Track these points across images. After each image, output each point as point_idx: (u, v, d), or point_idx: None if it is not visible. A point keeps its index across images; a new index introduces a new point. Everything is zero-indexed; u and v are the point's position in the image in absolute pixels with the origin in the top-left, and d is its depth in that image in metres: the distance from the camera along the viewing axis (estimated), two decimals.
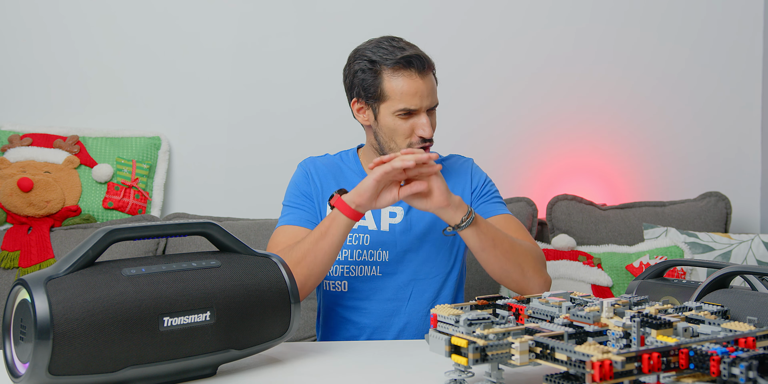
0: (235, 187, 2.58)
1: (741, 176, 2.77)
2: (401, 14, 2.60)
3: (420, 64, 1.54)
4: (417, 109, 1.55)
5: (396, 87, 1.54)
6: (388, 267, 1.62)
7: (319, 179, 1.66)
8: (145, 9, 2.52)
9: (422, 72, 1.55)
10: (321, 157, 1.74)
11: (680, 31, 2.73)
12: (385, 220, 1.64)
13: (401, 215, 1.64)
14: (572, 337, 0.94)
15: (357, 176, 1.68)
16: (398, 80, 1.54)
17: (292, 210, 1.64)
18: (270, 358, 1.24)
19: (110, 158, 2.38)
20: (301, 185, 1.66)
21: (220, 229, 1.17)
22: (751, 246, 2.31)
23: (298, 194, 1.65)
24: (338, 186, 1.65)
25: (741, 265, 1.16)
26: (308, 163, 1.70)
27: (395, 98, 1.55)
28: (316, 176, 1.66)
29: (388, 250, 1.62)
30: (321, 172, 1.67)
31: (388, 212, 1.65)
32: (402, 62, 1.54)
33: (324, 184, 1.66)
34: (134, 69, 2.52)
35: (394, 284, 1.62)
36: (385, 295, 1.62)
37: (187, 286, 1.07)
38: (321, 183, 1.66)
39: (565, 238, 2.34)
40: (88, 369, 0.99)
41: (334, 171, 1.68)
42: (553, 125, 2.69)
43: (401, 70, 1.54)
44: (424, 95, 1.55)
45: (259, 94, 2.58)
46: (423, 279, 1.62)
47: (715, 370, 0.85)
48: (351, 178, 1.67)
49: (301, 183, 1.67)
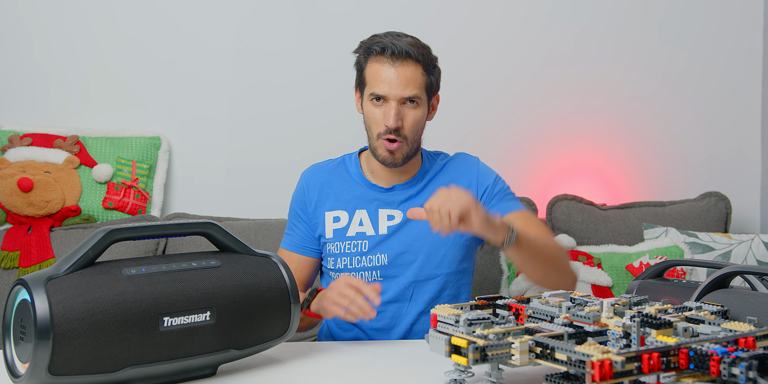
0: (235, 187, 2.58)
1: (741, 176, 2.77)
2: (401, 14, 2.60)
3: (395, 52, 1.53)
4: (384, 95, 1.54)
5: (370, 72, 1.57)
6: (387, 270, 1.61)
7: (315, 191, 1.68)
8: (146, 9, 2.52)
9: (397, 60, 1.54)
10: (322, 164, 1.73)
11: (680, 31, 2.73)
12: (383, 223, 1.63)
13: (399, 217, 1.63)
14: (572, 337, 0.94)
15: (356, 183, 1.66)
16: (373, 65, 1.56)
17: (289, 231, 1.71)
18: (270, 358, 1.24)
19: (110, 158, 2.38)
20: (296, 205, 1.70)
21: (220, 229, 1.17)
22: (751, 246, 2.31)
23: (294, 214, 1.71)
24: (335, 194, 1.65)
25: (741, 265, 1.16)
26: (306, 176, 1.71)
27: (370, 83, 1.57)
28: (311, 189, 1.68)
29: (386, 253, 1.61)
30: (319, 183, 1.68)
31: (386, 215, 1.63)
32: (377, 48, 1.55)
33: (322, 194, 1.67)
34: (134, 69, 2.52)
35: (395, 287, 1.61)
36: (386, 298, 1.61)
37: (187, 286, 1.07)
38: (318, 194, 1.67)
39: (565, 238, 2.34)
40: (88, 369, 0.99)
41: (331, 180, 1.68)
42: (553, 125, 2.69)
43: (377, 55, 1.56)
44: (394, 83, 1.53)
45: (259, 94, 2.58)
46: (424, 280, 1.61)
47: (715, 370, 0.85)
48: (349, 185, 1.66)
49: (295, 202, 1.71)
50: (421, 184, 1.65)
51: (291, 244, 1.69)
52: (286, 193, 2.54)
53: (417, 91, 1.55)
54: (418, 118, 1.57)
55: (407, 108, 1.56)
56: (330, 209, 1.65)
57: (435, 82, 1.61)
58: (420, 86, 1.56)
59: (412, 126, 1.56)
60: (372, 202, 1.64)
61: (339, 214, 1.64)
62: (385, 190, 1.64)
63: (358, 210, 1.63)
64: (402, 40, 1.56)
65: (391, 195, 1.64)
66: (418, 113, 1.57)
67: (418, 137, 1.61)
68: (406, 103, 1.56)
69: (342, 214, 1.64)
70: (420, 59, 1.55)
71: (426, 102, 1.59)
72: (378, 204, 1.64)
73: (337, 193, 1.66)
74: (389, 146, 1.56)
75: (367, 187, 1.65)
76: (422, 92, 1.57)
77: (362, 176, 1.67)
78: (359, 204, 1.64)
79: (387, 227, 1.62)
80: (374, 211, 1.63)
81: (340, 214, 1.64)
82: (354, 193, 1.65)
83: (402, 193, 1.64)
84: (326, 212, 1.65)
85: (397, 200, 1.64)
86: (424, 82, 1.57)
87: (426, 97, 1.59)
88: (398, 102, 1.54)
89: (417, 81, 1.55)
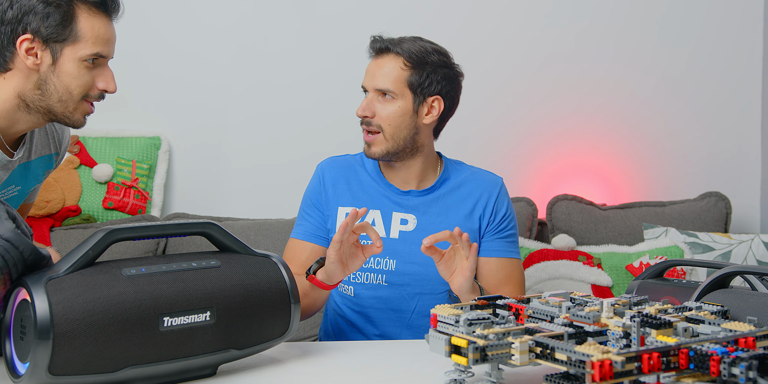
0: (235, 187, 2.58)
1: (741, 176, 2.77)
2: (401, 15, 2.60)
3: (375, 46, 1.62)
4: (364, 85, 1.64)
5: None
6: (393, 277, 1.59)
7: (331, 184, 1.66)
8: (145, 9, 2.52)
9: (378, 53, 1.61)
10: (340, 157, 1.73)
11: (680, 31, 2.73)
12: (396, 227, 1.61)
13: (413, 223, 1.61)
14: (572, 337, 0.94)
15: (373, 181, 1.66)
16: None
17: (301, 221, 1.67)
18: (270, 358, 1.24)
19: (110, 158, 2.38)
20: (312, 194, 1.68)
21: (220, 229, 1.17)
22: (751, 246, 2.32)
23: (309, 204, 1.68)
24: (351, 191, 1.64)
25: (741, 265, 1.16)
26: (323, 167, 1.70)
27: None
28: (329, 182, 1.66)
29: (395, 258, 1.59)
30: (334, 177, 1.66)
31: (399, 219, 1.62)
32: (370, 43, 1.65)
33: (337, 189, 1.65)
34: (134, 69, 2.51)
35: (399, 296, 1.60)
36: (389, 305, 1.60)
37: (187, 286, 1.07)
38: (334, 188, 1.65)
39: (565, 238, 2.34)
40: (88, 369, 0.99)
41: (348, 175, 1.67)
42: (553, 125, 2.69)
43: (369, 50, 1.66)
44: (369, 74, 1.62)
45: (259, 94, 2.58)
46: (428, 293, 1.59)
47: (715, 370, 0.85)
48: (366, 182, 1.66)
49: (312, 191, 1.68)
50: (437, 193, 1.64)
51: (303, 233, 1.65)
52: (286, 193, 2.56)
53: (389, 84, 1.57)
54: (391, 112, 1.58)
55: (380, 101, 1.59)
56: (344, 205, 1.64)
57: (429, 82, 1.59)
58: (396, 81, 1.58)
59: (387, 119, 1.58)
60: (387, 204, 1.63)
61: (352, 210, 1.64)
62: (401, 193, 1.64)
63: (372, 209, 1.63)
64: (400, 39, 1.59)
65: (407, 199, 1.63)
66: (391, 107, 1.58)
67: (404, 135, 1.60)
68: (383, 96, 1.59)
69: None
70: (402, 54, 1.57)
71: (410, 99, 1.59)
72: (393, 206, 1.62)
73: (353, 190, 1.65)
74: (365, 137, 1.62)
75: (384, 187, 1.65)
76: (400, 87, 1.58)
77: (380, 174, 1.66)
78: (374, 203, 1.63)
79: (399, 232, 1.61)
80: (388, 213, 1.62)
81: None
82: (369, 192, 1.64)
83: (417, 199, 1.63)
84: (339, 207, 1.63)
85: (411, 205, 1.63)
86: (404, 77, 1.58)
87: (410, 94, 1.58)
88: (374, 92, 1.59)
89: (392, 75, 1.58)
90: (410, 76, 1.57)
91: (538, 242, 2.37)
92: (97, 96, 1.44)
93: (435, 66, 1.59)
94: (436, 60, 1.59)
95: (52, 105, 1.40)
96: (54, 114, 1.42)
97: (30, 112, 1.42)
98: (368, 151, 1.61)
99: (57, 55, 1.37)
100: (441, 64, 1.60)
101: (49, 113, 1.42)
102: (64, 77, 1.38)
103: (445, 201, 1.63)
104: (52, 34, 1.35)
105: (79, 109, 1.43)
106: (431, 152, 1.67)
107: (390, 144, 1.58)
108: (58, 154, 1.62)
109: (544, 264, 2.25)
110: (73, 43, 1.37)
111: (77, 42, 1.37)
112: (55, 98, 1.39)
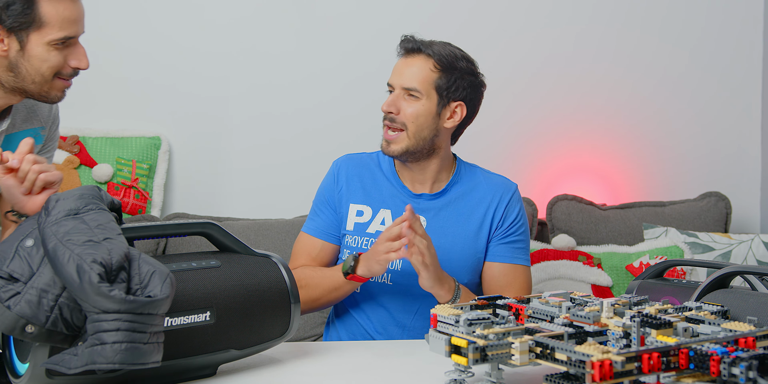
0: (235, 187, 2.58)
1: (741, 176, 2.77)
2: (401, 15, 2.60)
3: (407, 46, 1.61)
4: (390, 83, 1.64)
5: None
6: (398, 277, 1.59)
7: (345, 181, 1.67)
8: (145, 9, 2.52)
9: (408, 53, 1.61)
10: (356, 155, 1.73)
11: (681, 32, 2.73)
12: None
13: (423, 225, 1.58)
14: (572, 337, 0.94)
15: (387, 180, 1.66)
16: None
17: (313, 216, 1.69)
18: (270, 358, 1.24)
19: (110, 158, 2.38)
20: (326, 191, 1.69)
21: (220, 229, 1.17)
22: (751, 246, 2.32)
23: (322, 200, 1.69)
24: (364, 188, 1.65)
25: (741, 265, 1.16)
26: (339, 164, 1.70)
27: None
28: (343, 178, 1.67)
29: (402, 258, 1.56)
30: (349, 174, 1.67)
31: None
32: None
33: (350, 185, 1.66)
34: (134, 69, 2.51)
35: (402, 297, 1.59)
36: (392, 306, 1.60)
37: (187, 286, 1.07)
38: (348, 184, 1.66)
39: (565, 238, 2.34)
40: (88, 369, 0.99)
41: (362, 173, 1.67)
42: (553, 125, 2.69)
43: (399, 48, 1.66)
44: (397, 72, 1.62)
45: (259, 94, 2.58)
46: (432, 297, 1.56)
47: (715, 370, 0.85)
48: (380, 181, 1.66)
49: (326, 188, 1.69)
50: (448, 197, 1.65)
51: (315, 229, 1.67)
52: (287, 193, 2.56)
53: (416, 84, 1.58)
54: (415, 111, 1.59)
55: (405, 99, 1.59)
56: (356, 202, 1.64)
57: (455, 87, 1.60)
58: (424, 81, 1.59)
59: (411, 117, 1.58)
60: (398, 204, 1.63)
61: (363, 208, 1.64)
62: (413, 196, 1.64)
63: (383, 208, 1.63)
64: (431, 41, 1.62)
65: (418, 202, 1.63)
66: (415, 106, 1.59)
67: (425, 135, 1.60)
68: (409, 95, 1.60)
69: (366, 209, 1.63)
70: (433, 56, 1.58)
71: (434, 101, 1.59)
72: (404, 207, 1.62)
73: (366, 188, 1.65)
74: (385, 135, 1.61)
75: (397, 187, 1.65)
76: (427, 88, 1.58)
77: (395, 175, 1.67)
78: (385, 202, 1.64)
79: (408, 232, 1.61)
80: (398, 213, 1.61)
81: (364, 208, 1.64)
82: (382, 191, 1.65)
83: (429, 202, 1.64)
84: (351, 204, 1.64)
85: (422, 207, 1.63)
86: (432, 78, 1.59)
87: (435, 96, 1.59)
88: (400, 90, 1.60)
89: (420, 75, 1.59)
90: (438, 78, 1.59)
91: (538, 242, 2.37)
92: (71, 74, 1.46)
93: (463, 72, 1.61)
94: (464, 66, 1.61)
95: (26, 86, 1.42)
96: (30, 93, 1.44)
97: (5, 91, 1.45)
98: (387, 149, 1.61)
99: (24, 42, 1.38)
100: (468, 72, 1.62)
101: (25, 92, 1.44)
102: (34, 61, 1.40)
103: (456, 205, 1.64)
104: (15, 23, 1.36)
105: (54, 88, 1.45)
106: (447, 156, 1.67)
107: (411, 142, 1.59)
108: (44, 127, 1.63)
109: (544, 264, 2.26)
110: (39, 28, 1.37)
111: (43, 27, 1.37)
112: (28, 80, 1.41)
